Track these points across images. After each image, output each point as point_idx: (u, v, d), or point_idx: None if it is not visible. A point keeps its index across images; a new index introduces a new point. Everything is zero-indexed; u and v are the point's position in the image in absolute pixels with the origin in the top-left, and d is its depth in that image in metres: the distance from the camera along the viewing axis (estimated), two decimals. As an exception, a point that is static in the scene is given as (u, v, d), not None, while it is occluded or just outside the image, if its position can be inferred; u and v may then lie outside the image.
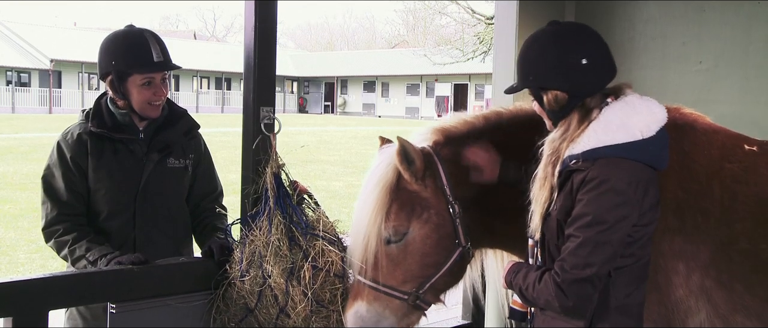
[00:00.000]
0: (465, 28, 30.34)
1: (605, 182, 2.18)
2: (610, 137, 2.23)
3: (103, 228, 3.11)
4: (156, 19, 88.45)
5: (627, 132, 2.24)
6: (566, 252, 2.22)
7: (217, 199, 3.42)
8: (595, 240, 2.17)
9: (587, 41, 2.35)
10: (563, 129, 2.34)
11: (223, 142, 18.38)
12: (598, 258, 2.18)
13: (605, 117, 2.28)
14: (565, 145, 2.30)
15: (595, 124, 2.27)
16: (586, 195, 2.20)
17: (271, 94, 3.04)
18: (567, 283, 2.20)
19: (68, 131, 3.13)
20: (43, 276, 2.66)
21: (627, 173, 2.20)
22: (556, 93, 2.32)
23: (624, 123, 2.25)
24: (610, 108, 2.29)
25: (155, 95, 3.10)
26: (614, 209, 2.17)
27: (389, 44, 73.25)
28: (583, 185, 2.22)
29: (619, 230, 2.18)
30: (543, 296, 2.27)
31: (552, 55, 2.32)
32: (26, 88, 46.33)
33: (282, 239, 2.79)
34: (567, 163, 2.27)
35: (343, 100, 59.05)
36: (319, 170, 17.99)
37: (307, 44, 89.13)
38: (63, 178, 3.05)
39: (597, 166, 2.22)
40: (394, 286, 2.57)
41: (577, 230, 2.20)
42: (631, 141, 2.23)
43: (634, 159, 2.22)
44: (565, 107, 2.33)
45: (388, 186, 2.58)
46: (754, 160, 2.49)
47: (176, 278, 2.90)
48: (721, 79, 3.98)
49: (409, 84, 54.91)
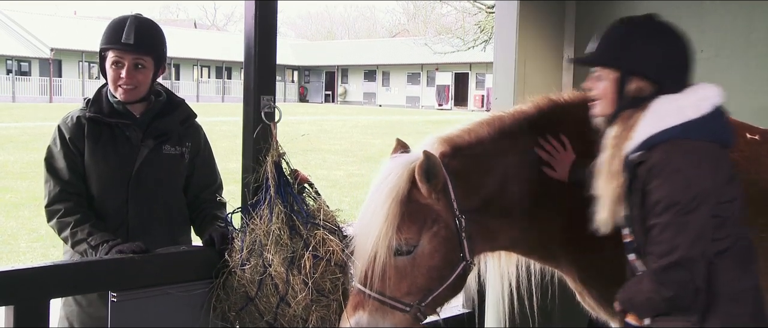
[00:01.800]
0: (466, 17, 30.27)
1: (668, 164, 2.18)
2: (664, 123, 2.24)
3: (97, 211, 3.13)
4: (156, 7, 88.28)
5: (679, 114, 2.24)
6: (650, 243, 2.21)
7: (217, 191, 3.42)
8: (674, 222, 2.15)
9: (684, 43, 2.36)
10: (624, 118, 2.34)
11: (223, 131, 18.38)
12: (682, 240, 2.14)
13: (654, 107, 2.29)
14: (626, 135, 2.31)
15: (645, 115, 2.28)
16: (654, 182, 2.19)
17: (272, 84, 3.03)
18: (659, 272, 2.17)
19: (68, 115, 3.20)
20: (44, 265, 2.68)
21: (689, 152, 2.20)
22: (645, 84, 2.31)
23: (673, 107, 2.26)
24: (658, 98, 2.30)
25: (120, 77, 3.14)
26: (685, 189, 2.15)
27: (390, 33, 73.08)
28: (649, 174, 2.21)
29: (695, 209, 2.15)
30: (644, 296, 2.23)
31: (659, 47, 2.32)
32: (26, 77, 46.28)
33: (283, 227, 2.79)
34: (628, 157, 2.28)
35: (343, 89, 58.98)
36: (319, 159, 17.99)
37: (307, 33, 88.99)
38: (64, 157, 3.10)
39: (657, 151, 2.21)
40: (397, 297, 2.54)
41: (655, 217, 2.19)
42: (684, 121, 2.23)
43: (693, 138, 2.22)
44: (641, 100, 2.32)
45: (401, 198, 2.54)
46: (757, 149, 2.49)
47: (177, 266, 2.91)
48: (723, 69, 3.97)
49: (409, 73, 54.84)
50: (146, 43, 3.17)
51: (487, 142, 2.73)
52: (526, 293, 3.23)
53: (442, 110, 49.16)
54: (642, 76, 2.31)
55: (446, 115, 40.58)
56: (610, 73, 2.36)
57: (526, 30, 4.19)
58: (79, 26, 48.59)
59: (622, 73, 2.34)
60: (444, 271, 2.58)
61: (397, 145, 2.82)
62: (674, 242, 2.14)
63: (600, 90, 2.40)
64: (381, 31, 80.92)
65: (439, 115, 40.46)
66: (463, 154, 2.68)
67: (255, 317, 2.85)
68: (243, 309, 2.87)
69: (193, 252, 3.10)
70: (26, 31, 46.30)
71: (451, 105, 51.09)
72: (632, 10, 4.27)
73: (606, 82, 2.38)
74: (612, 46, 2.38)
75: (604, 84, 2.39)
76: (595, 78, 2.43)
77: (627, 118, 2.33)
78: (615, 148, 2.33)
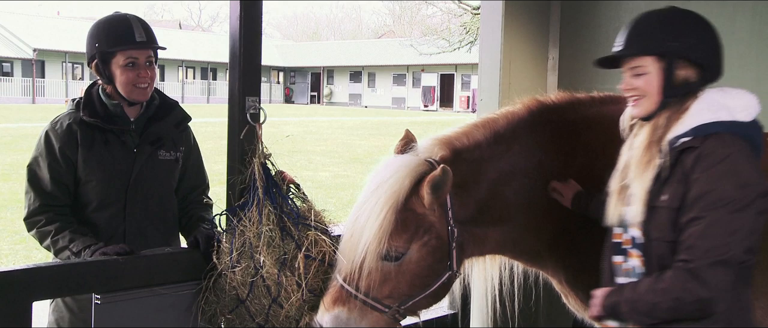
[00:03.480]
0: (451, 18, 30.37)
1: (727, 158, 2.07)
2: (716, 116, 2.16)
3: (92, 219, 3.09)
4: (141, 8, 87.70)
5: (730, 112, 2.18)
6: (693, 237, 2.05)
7: (205, 192, 3.41)
8: (727, 218, 2.03)
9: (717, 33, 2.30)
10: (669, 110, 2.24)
11: (208, 132, 18.33)
12: (734, 238, 2.02)
13: (706, 97, 2.22)
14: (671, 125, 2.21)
15: (698, 103, 2.21)
16: (706, 173, 2.07)
17: (257, 85, 3.02)
18: (704, 268, 2.01)
19: (57, 120, 3.10)
20: (27, 267, 2.64)
21: (745, 150, 2.12)
22: (693, 71, 2.24)
23: (725, 104, 2.20)
24: (707, 92, 2.25)
25: (139, 77, 3.07)
26: (741, 187, 2.04)
27: (375, 34, 73.13)
28: (698, 162, 2.09)
29: (748, 210, 2.04)
30: (670, 295, 2.06)
31: (699, 31, 2.25)
32: (9, 77, 45.83)
33: (274, 229, 2.78)
34: (675, 142, 2.18)
35: (329, 90, 58.91)
36: (305, 160, 17.96)
37: (293, 34, 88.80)
38: (49, 168, 3.02)
39: (712, 141, 2.11)
40: (378, 299, 2.51)
41: (703, 210, 2.05)
42: (736, 120, 2.17)
43: (743, 138, 2.16)
44: (686, 88, 2.23)
45: (398, 205, 2.48)
46: None
47: (162, 268, 2.89)
48: (706, 70, 3.99)
49: (395, 74, 54.86)
50: (155, 39, 3.15)
51: (484, 146, 2.68)
52: (510, 295, 3.23)
53: (427, 111, 49.22)
54: (689, 60, 2.23)
55: (432, 116, 40.63)
56: (653, 63, 2.24)
57: (511, 31, 4.20)
58: (63, 27, 48.23)
59: (668, 59, 2.22)
60: (428, 279, 2.56)
61: (405, 136, 2.76)
62: (726, 239, 2.02)
63: (643, 85, 2.26)
64: (367, 32, 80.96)
65: (424, 116, 40.50)
66: (463, 159, 2.63)
67: (246, 319, 2.84)
68: (233, 311, 2.85)
69: (177, 254, 3.08)
70: (8, 31, 45.85)
71: (437, 106, 51.16)
72: (617, 10, 4.31)
73: (649, 74, 2.25)
74: (651, 34, 2.26)
75: (647, 77, 2.26)
76: (633, 75, 2.29)
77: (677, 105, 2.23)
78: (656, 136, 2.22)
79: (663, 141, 2.22)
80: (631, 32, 2.32)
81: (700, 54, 2.23)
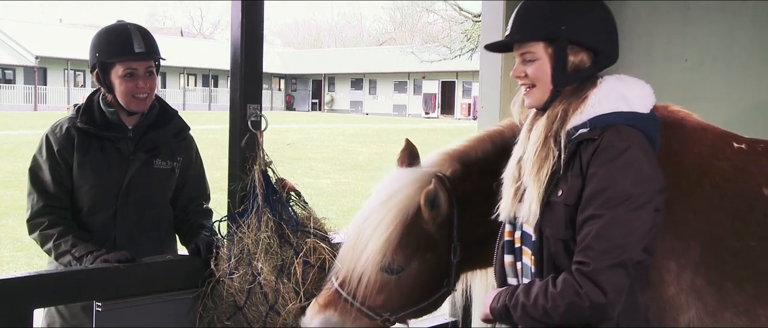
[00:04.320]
0: (452, 25, 30.43)
1: (625, 152, 1.96)
2: (614, 105, 2.06)
3: (85, 224, 3.10)
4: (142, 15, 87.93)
5: (628, 103, 2.08)
6: (589, 237, 1.93)
7: (205, 202, 3.42)
8: (625, 217, 1.92)
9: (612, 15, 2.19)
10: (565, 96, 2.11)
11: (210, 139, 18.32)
12: (632, 238, 1.92)
13: (606, 86, 2.11)
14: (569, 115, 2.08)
15: (597, 92, 2.09)
16: (603, 167, 1.96)
17: (258, 92, 3.02)
18: (600, 272, 1.90)
19: (58, 124, 3.13)
20: (28, 274, 2.65)
21: (643, 144, 2.02)
22: (586, 55, 2.10)
23: (623, 94, 2.09)
24: (606, 79, 2.13)
25: (138, 87, 3.08)
26: (640, 183, 1.94)
27: (377, 41, 73.24)
28: (595, 156, 1.98)
29: (646, 208, 1.95)
30: (564, 300, 1.95)
31: (599, 12, 2.12)
32: (11, 85, 45.96)
33: (272, 236, 2.78)
34: (573, 133, 2.06)
35: (330, 97, 58.97)
36: (306, 167, 17.96)
37: (294, 41, 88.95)
38: (50, 170, 3.04)
39: (611, 134, 2.00)
40: (372, 307, 2.50)
41: (600, 208, 1.93)
42: (635, 112, 2.07)
43: (641, 130, 2.06)
44: (582, 72, 2.11)
45: (406, 220, 2.43)
46: (743, 158, 2.49)
47: (163, 275, 2.88)
48: (706, 77, 4.00)
49: (396, 81, 54.92)
50: (155, 50, 3.15)
51: (494, 161, 2.53)
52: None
53: (428, 119, 49.25)
54: (581, 43, 2.08)
55: (433, 124, 40.65)
56: (544, 49, 2.10)
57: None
58: (65, 34, 48.39)
59: (559, 43, 2.07)
60: (424, 293, 2.54)
61: (406, 147, 2.69)
62: (623, 240, 1.91)
63: (533, 72, 2.12)
64: (368, 39, 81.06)
65: (426, 124, 40.53)
66: (475, 175, 2.55)
67: (243, 325, 2.83)
68: (231, 318, 2.85)
69: (179, 261, 3.08)
70: (11, 38, 45.99)
71: (438, 113, 51.19)
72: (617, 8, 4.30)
73: (539, 60, 2.11)
74: (540, 18, 2.11)
75: (537, 63, 2.11)
76: (523, 62, 2.15)
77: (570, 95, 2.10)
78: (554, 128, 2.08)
79: (560, 133, 2.08)
80: (519, 16, 2.17)
81: (592, 37, 2.10)
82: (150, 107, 3.21)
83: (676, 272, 2.38)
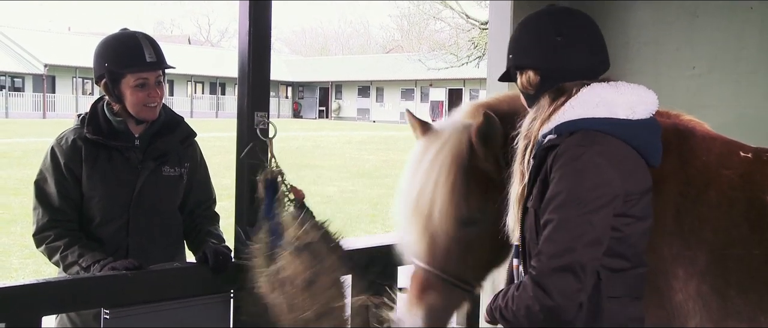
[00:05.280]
0: (459, 33, 30.43)
1: (581, 156, 1.98)
2: (589, 112, 2.07)
3: (96, 235, 3.08)
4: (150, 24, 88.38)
5: (608, 109, 2.08)
6: (543, 241, 1.96)
7: (211, 206, 3.41)
8: (574, 221, 1.92)
9: (569, 22, 2.21)
10: (535, 110, 2.20)
11: (217, 147, 18.37)
12: (580, 242, 1.91)
13: (583, 93, 2.13)
14: (536, 126, 2.15)
15: (572, 101, 2.12)
16: (559, 171, 1.98)
17: (266, 99, 3.03)
18: (546, 275, 1.92)
19: (63, 136, 3.11)
20: (37, 282, 2.65)
21: (606, 147, 2.01)
22: (529, 73, 2.21)
23: (605, 100, 2.10)
24: (590, 87, 2.15)
25: (149, 97, 3.07)
26: (594, 188, 1.94)
27: (384, 49, 73.30)
28: (555, 161, 2.00)
29: (598, 211, 1.94)
30: (522, 303, 1.97)
31: (530, 33, 2.24)
32: (20, 93, 46.22)
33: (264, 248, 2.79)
34: (540, 142, 2.10)
35: (337, 105, 59.04)
36: (313, 174, 17.97)
37: (301, 49, 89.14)
38: (56, 184, 3.03)
39: (572, 139, 2.02)
40: (461, 276, 2.41)
41: (553, 211, 1.96)
42: (612, 117, 2.07)
43: (616, 136, 2.05)
44: (536, 89, 2.21)
45: (465, 164, 2.39)
46: (750, 168, 2.49)
47: (171, 283, 2.90)
48: (714, 85, 3.99)
49: (403, 89, 54.94)
50: (164, 59, 3.14)
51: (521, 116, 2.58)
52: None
53: (435, 126, 49.17)
54: (523, 66, 2.22)
55: (440, 131, 40.47)
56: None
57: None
58: (73, 42, 48.59)
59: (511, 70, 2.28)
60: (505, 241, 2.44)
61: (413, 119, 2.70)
62: (569, 244, 1.91)
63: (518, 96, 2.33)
64: (375, 47, 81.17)
65: (432, 131, 40.36)
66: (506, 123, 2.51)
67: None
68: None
69: (186, 269, 3.09)
70: (20, 47, 46.28)
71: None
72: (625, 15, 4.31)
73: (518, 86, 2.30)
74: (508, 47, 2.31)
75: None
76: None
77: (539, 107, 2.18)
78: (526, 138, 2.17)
79: (532, 143, 2.17)
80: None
81: (530, 59, 2.21)
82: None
83: (684, 279, 2.37)
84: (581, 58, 2.19)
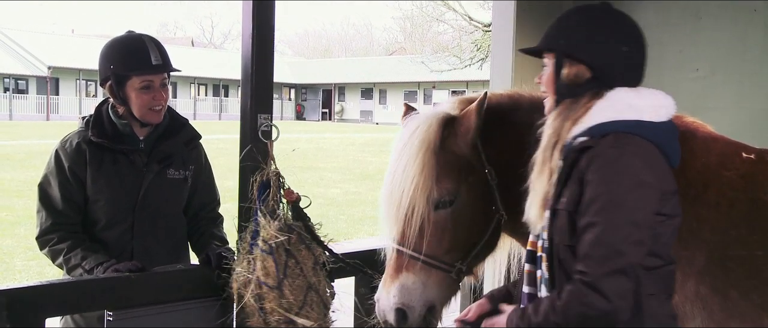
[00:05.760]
0: (462, 35, 30.40)
1: (618, 158, 2.00)
2: (618, 115, 2.10)
3: (101, 238, 3.09)
4: (154, 26, 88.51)
5: (636, 112, 2.11)
6: (588, 245, 1.97)
7: (215, 208, 3.42)
8: (620, 223, 1.95)
9: (635, 33, 2.23)
10: (565, 107, 2.19)
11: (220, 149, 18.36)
12: (627, 243, 1.94)
13: (611, 97, 2.14)
14: (568, 125, 2.15)
15: (600, 102, 2.14)
16: (597, 174, 2.00)
17: (269, 102, 3.03)
18: (601, 278, 1.92)
19: (67, 139, 3.11)
20: (40, 284, 2.65)
21: (641, 149, 2.04)
22: (581, 68, 2.17)
23: (631, 104, 2.12)
24: (615, 91, 2.16)
25: (155, 100, 3.07)
26: (634, 189, 1.97)
27: (387, 51, 73.31)
28: (591, 163, 2.02)
29: (642, 213, 1.97)
30: (573, 311, 1.96)
31: (597, 29, 2.20)
32: (24, 95, 46.33)
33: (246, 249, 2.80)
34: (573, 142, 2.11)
35: (340, 107, 59.07)
36: (316, 176, 17.98)
37: (304, 51, 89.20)
38: (59, 187, 3.03)
39: (607, 141, 2.04)
40: (438, 256, 2.43)
41: (596, 214, 1.96)
42: (641, 119, 2.10)
43: (645, 138, 2.07)
44: (580, 86, 2.18)
45: (435, 147, 2.42)
46: (752, 169, 2.49)
47: (174, 285, 2.89)
48: (718, 87, 3.99)
49: (406, 91, 54.95)
50: (169, 61, 3.14)
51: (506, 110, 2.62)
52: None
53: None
54: (576, 59, 2.17)
55: (443, 133, 40.45)
56: (551, 59, 2.24)
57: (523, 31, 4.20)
58: (77, 44, 48.76)
59: (556, 56, 2.21)
60: (482, 225, 2.50)
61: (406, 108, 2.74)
62: (619, 246, 1.94)
63: (543, 79, 2.26)
64: (378, 49, 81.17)
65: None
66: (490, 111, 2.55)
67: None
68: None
69: (189, 271, 3.09)
70: (24, 49, 46.40)
71: (448, 123, 51.14)
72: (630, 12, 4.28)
73: (548, 69, 2.25)
74: (551, 31, 2.26)
75: (545, 71, 2.26)
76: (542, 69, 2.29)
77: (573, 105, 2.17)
78: (555, 136, 2.16)
79: (561, 141, 2.15)
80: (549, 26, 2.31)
81: (588, 54, 2.17)
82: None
83: (681, 281, 2.37)
84: (636, 71, 2.21)
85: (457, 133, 2.49)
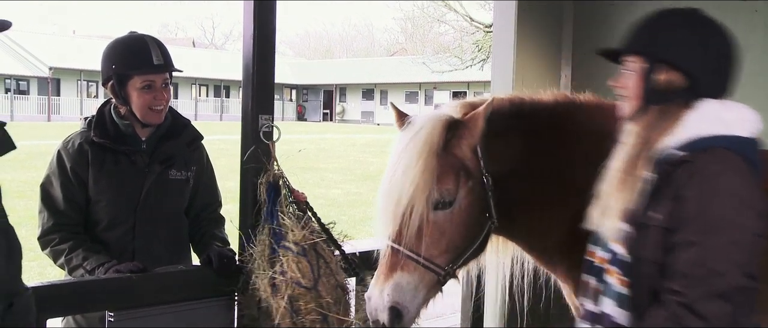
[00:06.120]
0: (463, 36, 30.42)
1: (720, 175, 1.90)
2: (710, 128, 2.00)
3: (102, 238, 3.09)
4: (155, 26, 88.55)
5: (725, 126, 2.01)
6: (686, 264, 1.86)
7: (217, 209, 3.42)
8: (722, 244, 1.84)
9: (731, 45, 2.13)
10: (653, 116, 2.07)
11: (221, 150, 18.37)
12: (730, 264, 1.83)
13: (701, 108, 2.04)
14: (657, 136, 2.04)
15: (692, 114, 2.03)
16: (698, 191, 1.89)
17: (270, 102, 3.04)
18: (699, 301, 1.82)
19: (69, 140, 3.11)
20: (41, 284, 2.66)
21: (741, 167, 1.94)
22: (675, 75, 2.07)
23: (721, 117, 2.02)
24: (705, 102, 2.06)
25: (156, 100, 3.08)
26: (737, 208, 1.87)
27: (388, 52, 73.34)
28: (690, 179, 1.92)
29: (743, 233, 1.86)
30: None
31: (694, 36, 2.08)
32: (25, 96, 46.36)
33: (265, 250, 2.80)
34: (668, 155, 2.00)
35: (341, 107, 59.08)
36: (317, 177, 17.98)
37: (305, 52, 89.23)
38: (61, 187, 3.04)
39: (707, 157, 1.94)
40: (432, 257, 2.41)
41: (696, 233, 1.86)
42: (734, 135, 2.00)
43: (741, 154, 1.98)
44: (671, 95, 2.07)
45: (438, 148, 2.41)
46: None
47: (175, 285, 2.90)
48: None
49: (407, 92, 54.95)
50: (171, 61, 3.15)
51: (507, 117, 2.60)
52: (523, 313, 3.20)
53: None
54: (672, 65, 2.06)
55: (444, 134, 40.42)
56: (637, 64, 2.12)
57: (523, 49, 4.21)
58: (78, 45, 48.75)
59: (649, 61, 2.09)
60: (476, 230, 2.48)
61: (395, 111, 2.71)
62: (720, 267, 1.82)
63: (627, 85, 2.15)
64: (379, 49, 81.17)
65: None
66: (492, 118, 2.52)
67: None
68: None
69: (191, 271, 3.10)
70: (25, 50, 46.39)
71: (449, 123, 51.09)
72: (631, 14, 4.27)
73: (633, 72, 2.13)
74: (641, 33, 2.15)
75: (630, 75, 2.14)
76: (624, 71, 2.17)
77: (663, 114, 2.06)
78: (642, 146, 2.05)
79: (649, 152, 2.05)
80: (633, 28, 2.21)
81: (685, 60, 2.07)
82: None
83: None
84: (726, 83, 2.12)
85: (460, 136, 2.48)
